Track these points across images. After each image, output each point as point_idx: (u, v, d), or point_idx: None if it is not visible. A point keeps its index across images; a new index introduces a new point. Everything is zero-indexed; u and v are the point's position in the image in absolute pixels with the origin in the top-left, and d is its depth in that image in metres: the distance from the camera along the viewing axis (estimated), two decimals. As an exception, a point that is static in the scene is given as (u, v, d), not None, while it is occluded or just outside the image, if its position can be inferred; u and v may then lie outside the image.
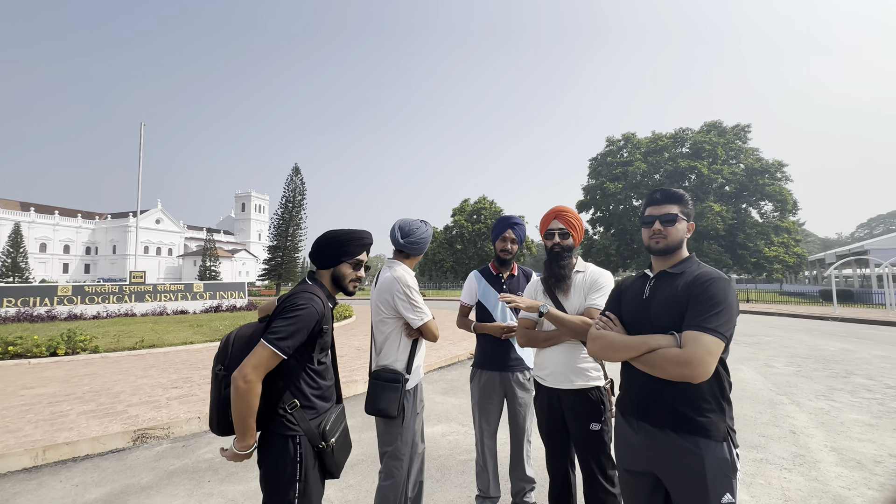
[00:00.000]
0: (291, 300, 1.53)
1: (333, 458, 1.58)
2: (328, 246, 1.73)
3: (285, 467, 1.51)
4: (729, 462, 1.33)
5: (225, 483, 3.16)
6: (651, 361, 1.36)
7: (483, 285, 2.70)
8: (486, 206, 47.60)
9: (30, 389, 5.49)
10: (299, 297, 1.54)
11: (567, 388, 2.04)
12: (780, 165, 36.92)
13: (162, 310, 16.54)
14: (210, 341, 9.45)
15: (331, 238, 1.74)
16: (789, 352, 8.67)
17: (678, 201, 1.54)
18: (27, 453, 3.50)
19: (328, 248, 1.73)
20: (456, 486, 3.09)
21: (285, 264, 44.98)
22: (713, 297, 1.34)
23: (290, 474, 1.50)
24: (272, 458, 1.52)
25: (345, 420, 1.74)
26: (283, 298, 1.58)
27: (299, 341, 1.49)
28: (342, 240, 1.74)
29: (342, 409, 1.75)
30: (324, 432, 1.57)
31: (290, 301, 1.53)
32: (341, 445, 1.65)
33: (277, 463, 1.51)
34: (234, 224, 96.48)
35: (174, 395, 5.13)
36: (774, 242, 35.00)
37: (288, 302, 1.53)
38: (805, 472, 3.24)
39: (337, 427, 1.64)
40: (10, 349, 7.48)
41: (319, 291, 1.63)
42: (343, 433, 1.69)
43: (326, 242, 1.74)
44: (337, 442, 1.61)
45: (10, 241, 47.66)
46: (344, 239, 1.74)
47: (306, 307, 1.51)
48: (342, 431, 1.68)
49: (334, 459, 1.59)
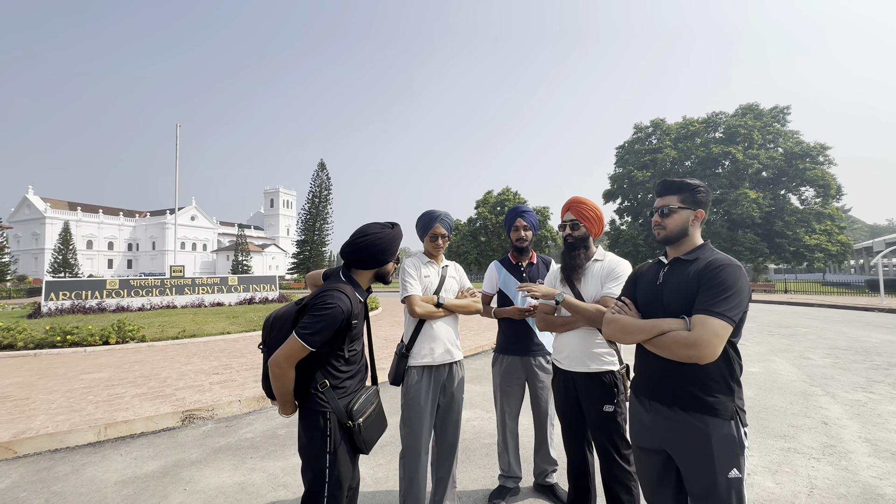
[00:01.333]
0: (322, 298, 1.63)
1: (361, 436, 1.69)
2: (374, 253, 1.79)
3: (317, 440, 1.67)
4: (736, 439, 1.40)
5: (266, 459, 3.41)
6: (661, 343, 1.44)
7: (503, 274, 2.81)
8: (510, 198, 47.18)
9: (88, 374, 5.99)
10: (329, 295, 1.64)
11: (582, 372, 2.12)
12: (822, 148, 34.76)
13: (200, 302, 17.39)
14: (246, 331, 9.93)
15: (374, 244, 1.78)
16: (827, 343, 8.34)
17: (677, 191, 1.58)
18: (91, 430, 3.87)
19: (374, 255, 1.79)
20: (480, 466, 3.23)
21: (313, 258, 46.24)
22: (723, 282, 1.39)
23: (321, 446, 1.66)
24: (307, 431, 1.69)
25: (377, 401, 1.85)
26: (316, 293, 1.70)
27: (326, 336, 1.61)
28: (386, 247, 1.81)
29: (375, 391, 1.87)
30: (351, 412, 1.69)
31: (320, 299, 1.63)
32: (371, 424, 1.75)
33: (311, 435, 1.68)
34: (263, 219, 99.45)
35: (216, 381, 5.49)
36: (816, 230, 33.12)
37: (318, 300, 1.64)
38: (834, 462, 3.20)
39: (366, 407, 1.75)
40: (68, 338, 8.14)
41: (349, 290, 1.72)
42: (375, 413, 1.80)
43: (371, 250, 1.78)
44: (366, 421, 1.72)
45: (60, 239, 50.87)
46: (388, 242, 1.81)
47: (333, 307, 1.60)
48: (374, 411, 1.79)
49: (362, 437, 1.70)
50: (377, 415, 1.82)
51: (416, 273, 2.44)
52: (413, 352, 2.37)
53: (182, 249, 78.14)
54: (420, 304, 2.34)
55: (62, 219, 67.45)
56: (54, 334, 8.20)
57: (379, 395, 1.89)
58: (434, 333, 2.39)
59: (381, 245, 1.79)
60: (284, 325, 1.68)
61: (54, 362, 6.92)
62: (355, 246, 1.78)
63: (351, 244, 1.79)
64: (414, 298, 2.35)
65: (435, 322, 2.40)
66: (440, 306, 2.40)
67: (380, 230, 1.81)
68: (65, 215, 69.65)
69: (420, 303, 2.34)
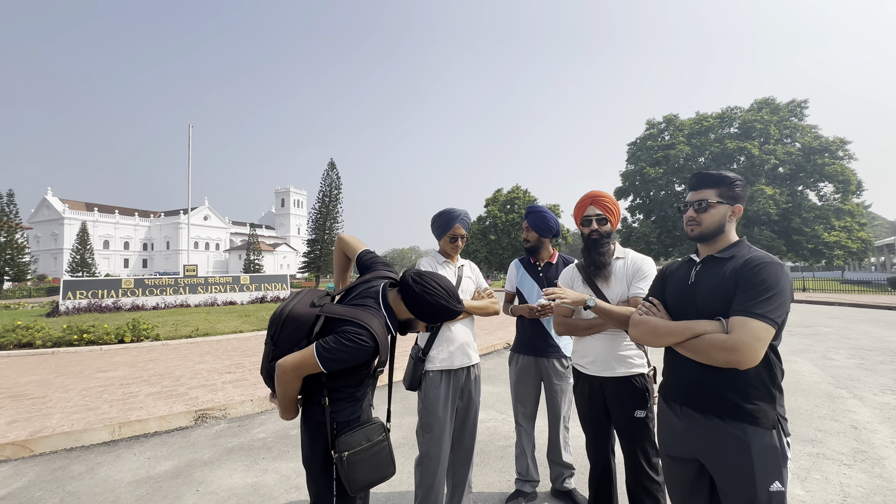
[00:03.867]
0: (356, 330, 1.41)
1: (346, 471, 1.43)
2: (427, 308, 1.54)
3: (318, 449, 1.53)
4: (778, 450, 1.30)
5: (278, 460, 3.38)
6: (696, 347, 1.35)
7: (521, 273, 2.79)
8: (520, 196, 46.83)
9: (103, 372, 6.05)
10: (361, 330, 1.42)
11: (610, 376, 2.03)
12: (842, 143, 33.81)
13: (213, 301, 17.59)
14: (257, 330, 9.99)
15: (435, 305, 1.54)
16: (851, 343, 8.08)
17: (715, 185, 1.48)
18: (106, 429, 3.89)
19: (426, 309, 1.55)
20: (495, 470, 3.15)
21: (324, 257, 46.52)
22: (764, 281, 1.30)
23: (325, 456, 1.51)
24: (309, 439, 1.56)
25: (378, 439, 1.54)
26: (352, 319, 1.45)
27: (344, 366, 1.45)
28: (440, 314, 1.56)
29: (380, 427, 1.58)
30: (335, 442, 1.46)
31: (354, 330, 1.42)
32: (361, 463, 1.47)
33: (312, 443, 1.55)
34: (274, 219, 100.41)
35: (228, 380, 5.50)
36: (835, 227, 32.26)
37: (351, 326, 1.43)
38: (867, 469, 3.06)
39: (358, 441, 1.49)
40: (84, 336, 8.26)
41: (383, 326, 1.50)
42: (371, 454, 1.50)
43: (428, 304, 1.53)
44: (353, 456, 1.46)
45: (78, 239, 51.92)
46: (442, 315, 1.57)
47: (365, 346, 1.41)
48: (367, 450, 1.49)
49: (346, 473, 1.43)
50: (374, 456, 1.51)
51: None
52: (430, 356, 2.29)
53: (195, 249, 79.31)
54: None
55: (80, 219, 68.92)
56: (71, 333, 8.34)
57: (386, 434, 1.59)
58: (451, 336, 2.32)
59: (443, 310, 1.55)
60: (298, 330, 1.51)
61: (71, 360, 7.02)
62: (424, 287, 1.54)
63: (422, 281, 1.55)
64: None
65: (452, 325, 2.32)
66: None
67: (452, 297, 1.57)
68: (82, 216, 71.15)
69: None
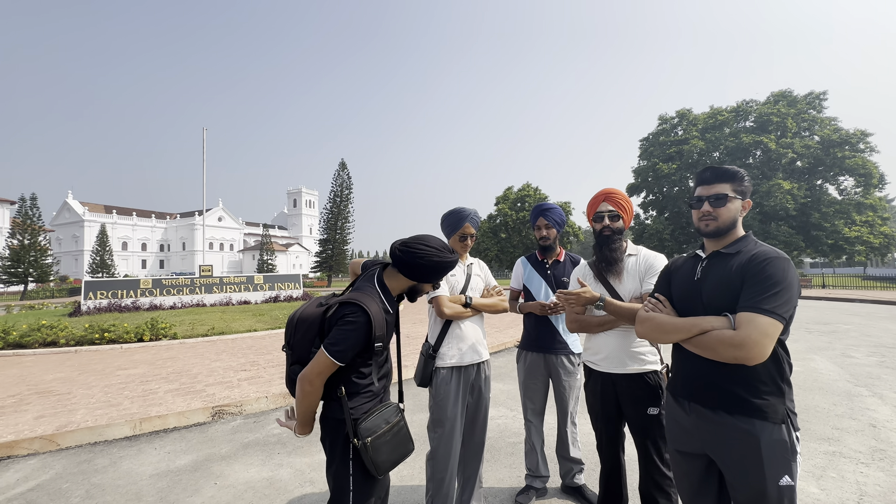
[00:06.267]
0: (347, 310, 1.50)
1: (370, 455, 1.50)
2: (425, 267, 1.62)
3: (339, 449, 1.56)
4: (788, 444, 1.30)
5: (293, 455, 3.46)
6: (703, 343, 1.35)
7: (528, 270, 2.79)
8: (531, 194, 46.57)
9: (124, 370, 6.23)
10: (352, 308, 1.50)
11: (622, 373, 2.03)
12: (863, 135, 32.80)
13: (228, 300, 17.90)
14: (271, 329, 10.15)
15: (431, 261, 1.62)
16: (871, 341, 7.89)
17: (730, 179, 1.48)
18: (127, 424, 4.01)
19: (425, 269, 1.63)
20: (505, 466, 3.18)
21: (335, 256, 46.96)
22: (771, 276, 1.30)
23: (343, 455, 1.56)
24: (329, 441, 1.59)
25: (396, 420, 1.62)
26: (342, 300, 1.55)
27: (356, 350, 1.51)
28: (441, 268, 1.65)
29: (395, 409, 1.65)
30: (357, 430, 1.51)
31: (344, 313, 1.50)
32: (384, 445, 1.54)
33: (333, 445, 1.58)
34: (287, 219, 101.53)
35: (244, 377, 5.62)
36: (856, 221, 31.36)
37: (344, 312, 1.50)
38: (886, 468, 3.00)
39: (378, 425, 1.55)
40: (105, 335, 8.51)
41: (377, 301, 1.57)
42: (392, 434, 1.58)
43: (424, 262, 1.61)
44: (377, 441, 1.52)
45: (97, 241, 53.21)
46: (442, 268, 1.65)
47: (356, 322, 1.48)
48: (389, 432, 1.57)
49: (371, 458, 1.50)
50: (394, 436, 1.59)
51: None
52: (440, 353, 2.33)
53: (210, 249, 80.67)
54: (448, 304, 2.29)
55: (99, 221, 70.57)
56: (93, 332, 8.59)
57: (402, 414, 1.67)
58: (462, 334, 2.34)
59: (438, 266, 1.63)
60: (310, 330, 1.58)
61: (93, 358, 7.24)
62: (412, 252, 1.61)
63: (407, 247, 1.62)
64: (442, 299, 2.30)
65: (462, 322, 2.35)
66: (468, 306, 2.34)
67: (442, 249, 1.65)
68: (101, 218, 72.86)
69: (448, 304, 2.29)
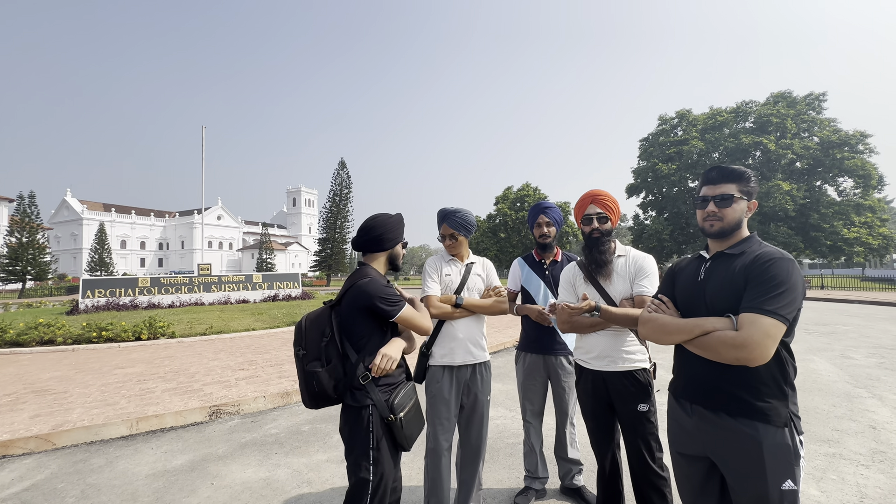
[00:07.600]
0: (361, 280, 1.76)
1: (403, 431, 1.69)
2: (381, 233, 1.88)
3: (360, 437, 1.67)
4: (791, 448, 1.28)
5: (290, 455, 3.44)
6: (705, 344, 1.34)
7: (526, 271, 2.75)
8: (530, 193, 46.54)
9: (121, 369, 6.20)
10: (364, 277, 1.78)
11: (613, 371, 2.03)
12: (862, 136, 32.82)
13: (226, 299, 17.87)
14: (270, 328, 10.12)
15: (384, 224, 1.90)
16: (871, 342, 7.89)
17: (736, 179, 1.45)
18: (124, 423, 3.99)
19: (382, 234, 1.88)
20: (504, 467, 3.16)
21: (335, 255, 46.97)
22: (774, 277, 1.28)
23: (364, 443, 1.66)
24: (350, 429, 1.70)
25: (416, 396, 1.85)
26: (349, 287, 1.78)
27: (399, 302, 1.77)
28: (392, 226, 1.92)
29: (412, 387, 1.87)
30: (392, 405, 1.69)
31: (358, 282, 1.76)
32: (411, 420, 1.75)
33: (354, 434, 1.69)
34: (286, 218, 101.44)
35: (242, 376, 5.59)
36: (855, 223, 31.40)
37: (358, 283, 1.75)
38: (886, 470, 2.99)
39: (406, 402, 1.75)
40: (103, 334, 8.47)
41: (377, 273, 1.85)
42: (414, 409, 1.80)
43: (378, 230, 1.88)
44: (406, 416, 1.72)
45: (96, 239, 53.20)
46: (396, 223, 1.93)
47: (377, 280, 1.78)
48: (412, 407, 1.79)
49: (404, 433, 1.70)
50: (416, 411, 1.82)
51: (437, 273, 2.39)
52: (433, 351, 2.34)
53: (209, 248, 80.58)
54: (435, 304, 2.28)
55: (98, 220, 70.43)
56: (90, 330, 8.56)
57: (416, 391, 1.90)
58: (453, 333, 2.33)
59: (388, 225, 1.90)
60: (319, 324, 1.76)
61: (90, 357, 7.21)
62: (364, 229, 1.90)
63: (360, 229, 1.92)
64: (430, 299, 2.30)
65: (455, 322, 2.34)
66: (458, 306, 2.32)
67: (384, 214, 1.95)
68: (100, 216, 72.71)
69: (435, 303, 2.29)
